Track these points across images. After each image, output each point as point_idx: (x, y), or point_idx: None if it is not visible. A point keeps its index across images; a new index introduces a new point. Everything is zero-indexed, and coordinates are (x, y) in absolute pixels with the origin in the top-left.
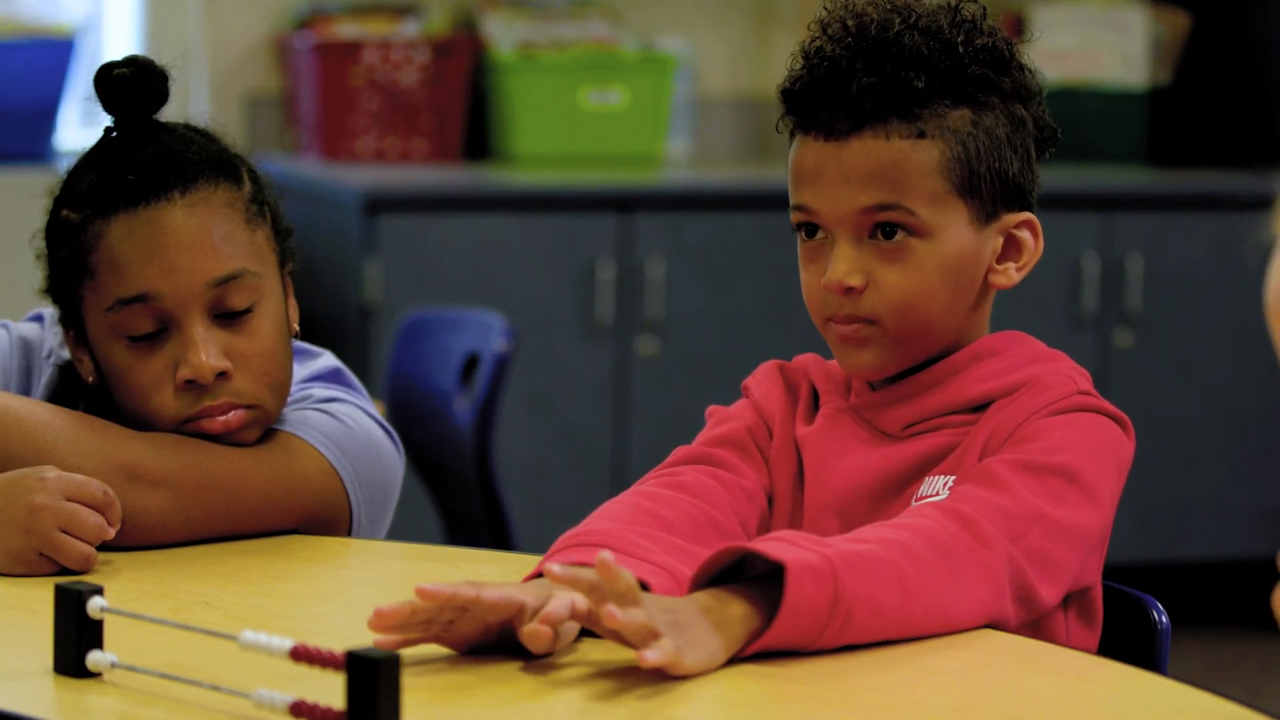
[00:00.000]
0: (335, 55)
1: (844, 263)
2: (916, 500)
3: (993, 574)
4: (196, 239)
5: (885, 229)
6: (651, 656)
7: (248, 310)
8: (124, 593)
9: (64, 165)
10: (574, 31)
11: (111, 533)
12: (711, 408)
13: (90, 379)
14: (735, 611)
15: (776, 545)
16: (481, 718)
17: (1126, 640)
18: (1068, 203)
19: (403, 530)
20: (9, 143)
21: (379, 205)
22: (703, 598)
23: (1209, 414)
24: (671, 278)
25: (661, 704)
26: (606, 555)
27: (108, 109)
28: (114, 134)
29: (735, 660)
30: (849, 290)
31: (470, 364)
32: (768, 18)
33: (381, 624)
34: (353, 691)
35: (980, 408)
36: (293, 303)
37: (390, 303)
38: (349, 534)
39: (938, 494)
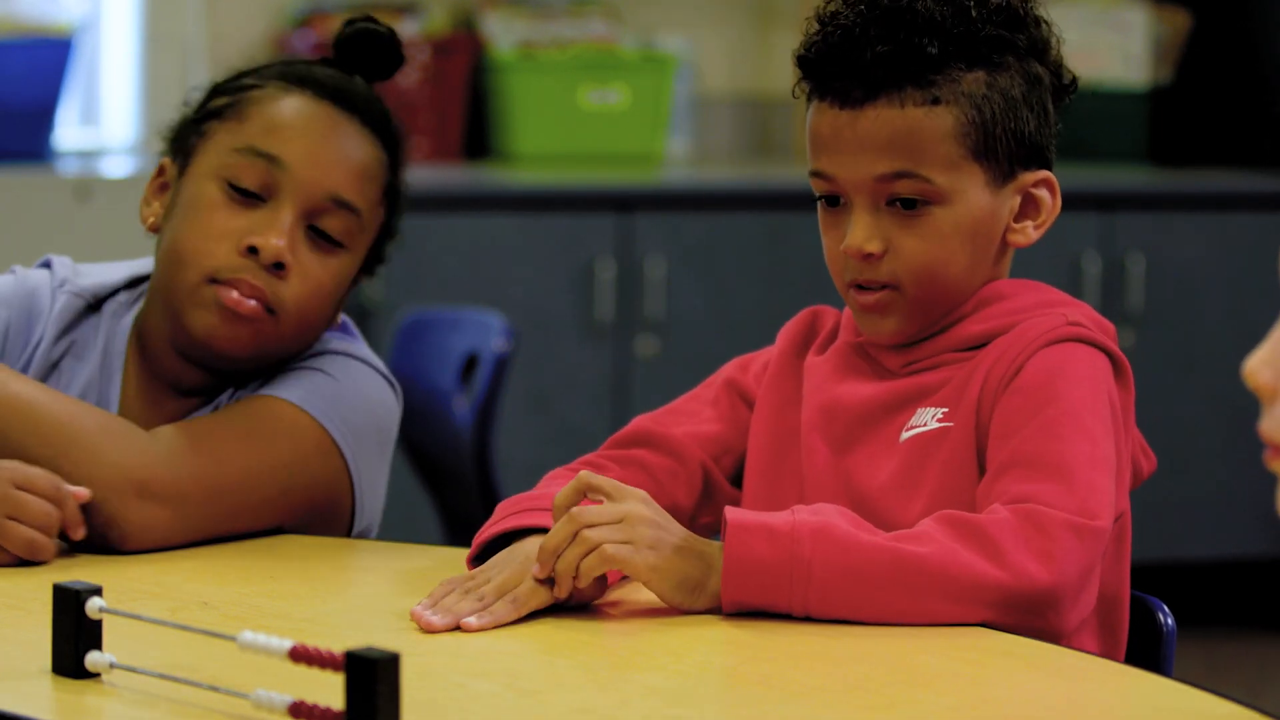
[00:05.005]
0: None
1: (862, 229)
2: (906, 430)
3: (1037, 546)
4: (344, 155)
5: (904, 198)
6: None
7: (332, 244)
8: (123, 593)
9: (62, 165)
10: (574, 31)
11: (79, 533)
12: (739, 359)
13: (150, 222)
14: (711, 549)
15: (747, 510)
16: (481, 717)
17: (1131, 642)
18: (1068, 202)
19: (403, 530)
20: (8, 142)
21: None
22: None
23: (1209, 414)
24: (671, 277)
25: (660, 703)
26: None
27: (344, 57)
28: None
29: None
30: (867, 256)
31: (470, 364)
32: (768, 17)
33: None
34: (352, 692)
35: (977, 346)
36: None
37: (390, 302)
38: (351, 499)
39: (926, 425)
